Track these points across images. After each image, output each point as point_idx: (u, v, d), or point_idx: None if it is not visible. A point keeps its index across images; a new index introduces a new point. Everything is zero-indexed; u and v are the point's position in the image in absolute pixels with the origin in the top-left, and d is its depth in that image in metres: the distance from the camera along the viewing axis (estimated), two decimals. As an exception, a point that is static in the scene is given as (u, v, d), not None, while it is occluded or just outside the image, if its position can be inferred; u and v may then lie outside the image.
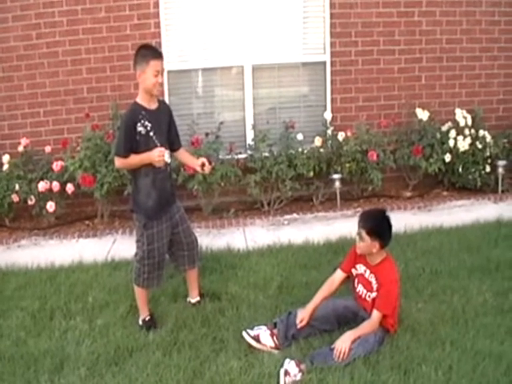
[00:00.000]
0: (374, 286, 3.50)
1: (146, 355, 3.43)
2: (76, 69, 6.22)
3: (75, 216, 6.33)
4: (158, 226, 3.74)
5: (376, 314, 3.42)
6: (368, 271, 3.55)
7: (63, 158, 5.97)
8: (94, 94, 6.28)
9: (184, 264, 4.04)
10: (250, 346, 3.45)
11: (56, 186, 5.84)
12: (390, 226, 3.53)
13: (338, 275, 3.68)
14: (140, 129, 3.59)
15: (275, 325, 3.54)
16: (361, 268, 3.60)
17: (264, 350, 3.44)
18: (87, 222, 6.22)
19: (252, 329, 3.52)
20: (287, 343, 3.48)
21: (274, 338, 3.46)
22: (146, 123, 3.61)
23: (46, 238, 5.82)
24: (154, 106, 3.71)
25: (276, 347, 3.45)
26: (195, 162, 3.94)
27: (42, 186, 5.81)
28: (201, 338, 3.60)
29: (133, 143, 3.59)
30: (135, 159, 3.61)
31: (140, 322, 3.84)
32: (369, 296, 3.53)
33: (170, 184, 3.85)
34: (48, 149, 6.14)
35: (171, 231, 3.84)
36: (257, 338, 3.46)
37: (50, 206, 5.83)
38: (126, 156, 3.61)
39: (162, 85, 3.72)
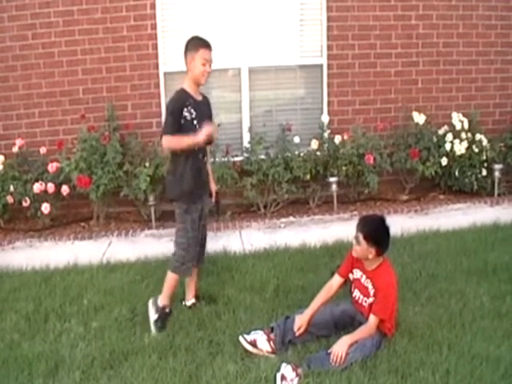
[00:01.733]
0: (371, 291, 3.47)
1: (142, 359, 3.40)
2: (72, 70, 6.19)
3: (70, 218, 6.29)
4: (197, 211, 3.81)
5: (373, 319, 3.40)
6: (364, 276, 3.53)
7: (59, 159, 5.94)
8: (89, 95, 6.25)
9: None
10: (246, 350, 3.43)
11: (51, 187, 5.81)
12: (388, 234, 3.50)
13: (336, 280, 3.66)
14: (186, 114, 3.67)
15: (272, 329, 3.51)
16: (357, 273, 3.58)
17: (260, 354, 3.42)
18: (82, 224, 6.19)
19: (248, 333, 3.49)
20: (284, 348, 3.45)
21: (271, 342, 3.44)
22: (192, 111, 3.70)
23: (41, 239, 5.78)
24: (199, 97, 3.82)
25: (272, 352, 3.42)
26: (212, 184, 4.13)
27: (37, 187, 5.78)
28: (197, 342, 3.57)
29: (178, 125, 3.65)
30: (183, 138, 3.62)
31: (157, 307, 3.81)
32: (365, 301, 3.51)
33: (205, 173, 3.95)
34: (43, 150, 6.10)
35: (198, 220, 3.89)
36: (253, 343, 3.43)
37: (45, 207, 5.80)
38: (172, 135, 3.63)
39: (209, 75, 3.80)
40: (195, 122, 3.70)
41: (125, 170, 5.89)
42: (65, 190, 5.86)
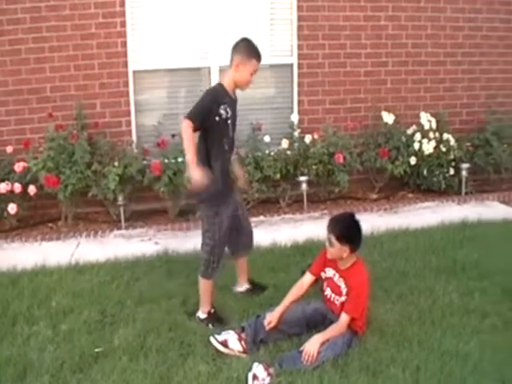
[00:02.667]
0: (343, 290, 3.49)
1: (112, 361, 3.35)
2: (39, 67, 6.06)
3: (38, 218, 6.17)
4: (227, 210, 3.78)
5: (344, 317, 3.41)
6: (337, 275, 3.55)
7: (25, 158, 5.82)
8: (57, 94, 6.13)
9: (239, 250, 4.09)
10: (217, 350, 3.41)
11: (18, 187, 5.69)
12: (359, 229, 3.53)
13: (307, 278, 3.67)
14: (222, 112, 3.63)
15: (243, 329, 3.50)
16: (330, 272, 3.59)
17: (232, 354, 3.40)
18: (50, 225, 6.08)
19: (219, 333, 3.48)
20: (255, 347, 3.45)
21: (242, 342, 3.43)
22: (228, 110, 3.66)
23: (8, 240, 5.65)
24: (234, 96, 3.79)
25: (244, 351, 3.41)
26: (240, 174, 4.10)
27: (4, 187, 5.65)
28: (168, 343, 3.54)
29: (207, 119, 3.58)
30: (190, 148, 3.51)
31: (202, 316, 3.82)
32: (337, 300, 3.53)
33: (230, 167, 3.93)
34: (10, 149, 5.96)
35: (231, 214, 3.84)
36: (224, 343, 3.42)
37: (12, 208, 5.68)
38: (194, 123, 3.53)
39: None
40: (229, 121, 3.69)
41: (93, 169, 5.81)
42: (32, 190, 5.74)
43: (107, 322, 3.82)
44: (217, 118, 3.60)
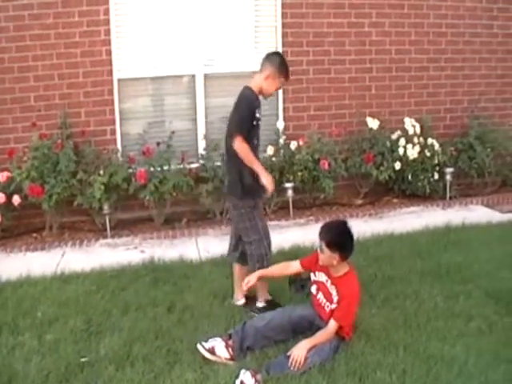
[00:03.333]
0: (334, 298, 3.50)
1: (98, 370, 3.33)
2: (23, 76, 6.02)
3: (22, 228, 6.11)
4: (260, 205, 3.96)
5: (333, 324, 3.42)
6: (329, 281, 3.55)
7: (9, 168, 5.77)
8: (41, 103, 6.10)
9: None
10: (204, 358, 3.40)
11: (2, 197, 5.64)
12: (351, 238, 3.53)
13: (295, 266, 3.74)
14: (258, 115, 3.76)
15: (230, 336, 3.50)
16: (322, 276, 3.60)
17: (219, 361, 3.40)
18: (35, 235, 6.02)
19: (206, 341, 3.47)
20: (242, 354, 3.45)
21: (229, 349, 3.42)
22: (260, 112, 3.79)
23: (-8, 251, 5.61)
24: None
25: (231, 358, 3.41)
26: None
27: (-13, 197, 5.61)
28: (155, 351, 3.52)
29: (250, 126, 3.70)
30: (254, 159, 3.74)
31: (260, 305, 3.98)
32: (327, 306, 3.54)
33: None
34: (-7, 159, 5.92)
35: None
36: (212, 350, 3.41)
37: (-4, 218, 5.64)
38: (244, 135, 3.65)
39: None
40: (260, 122, 3.83)
41: (78, 178, 5.77)
42: (16, 199, 5.69)
43: (93, 332, 3.79)
44: (254, 122, 3.77)
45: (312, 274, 3.67)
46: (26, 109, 6.08)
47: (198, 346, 3.43)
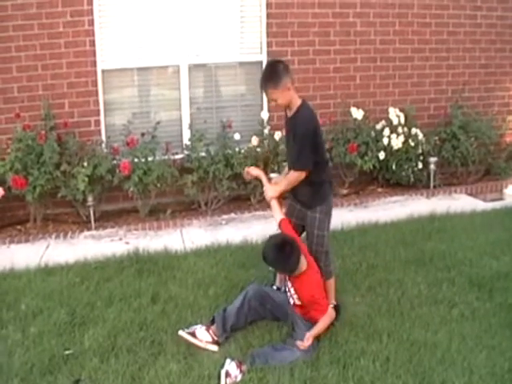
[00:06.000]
0: (294, 295, 3.56)
1: (83, 362, 3.33)
2: (6, 67, 5.95)
3: (6, 221, 6.06)
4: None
5: (326, 314, 3.46)
6: (291, 286, 3.60)
7: (-8, 160, 5.72)
8: (25, 94, 6.03)
9: None
10: (188, 344, 3.43)
11: (-15, 189, 5.60)
12: (288, 255, 3.41)
13: (278, 218, 3.78)
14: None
15: (212, 322, 3.53)
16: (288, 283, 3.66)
17: (202, 346, 3.42)
18: (19, 227, 5.98)
19: (188, 328, 3.52)
20: (225, 335, 3.49)
21: (211, 331, 3.47)
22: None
23: (-25, 244, 5.56)
24: (289, 114, 3.94)
25: (213, 342, 3.44)
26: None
27: (-30, 189, 5.56)
28: (139, 342, 3.53)
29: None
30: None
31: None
32: (293, 301, 3.59)
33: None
34: (-24, 151, 5.86)
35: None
36: (193, 334, 3.46)
37: (-21, 210, 5.59)
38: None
39: None
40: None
41: (62, 170, 5.73)
42: (-1, 192, 5.66)
43: (77, 324, 3.78)
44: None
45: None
46: (10, 100, 6.02)
47: (180, 332, 3.48)
